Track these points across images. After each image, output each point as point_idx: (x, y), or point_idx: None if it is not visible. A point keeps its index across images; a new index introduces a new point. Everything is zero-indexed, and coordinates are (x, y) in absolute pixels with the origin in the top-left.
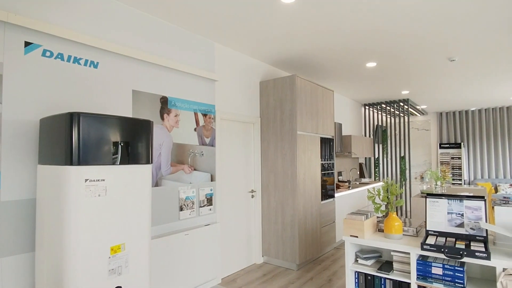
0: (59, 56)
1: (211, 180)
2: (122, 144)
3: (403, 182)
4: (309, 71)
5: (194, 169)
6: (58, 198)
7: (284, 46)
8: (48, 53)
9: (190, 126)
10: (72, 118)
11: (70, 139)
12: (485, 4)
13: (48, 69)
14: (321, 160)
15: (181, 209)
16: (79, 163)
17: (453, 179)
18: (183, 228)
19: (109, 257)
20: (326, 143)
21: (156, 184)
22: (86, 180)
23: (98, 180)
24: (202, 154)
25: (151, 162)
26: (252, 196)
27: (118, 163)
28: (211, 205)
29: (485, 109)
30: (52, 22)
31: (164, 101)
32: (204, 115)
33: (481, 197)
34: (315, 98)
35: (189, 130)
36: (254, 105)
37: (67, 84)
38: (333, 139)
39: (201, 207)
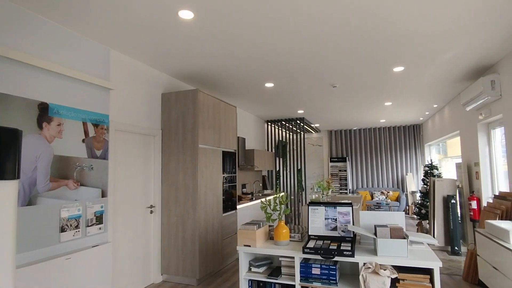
0: None
1: (102, 196)
2: None
3: (300, 193)
4: (213, 86)
5: (81, 185)
6: None
7: (186, 60)
8: None
9: (77, 137)
10: None
11: None
12: (355, 42)
13: None
14: (224, 173)
15: (63, 230)
16: None
17: (341, 189)
18: (65, 251)
19: None
20: (228, 156)
21: (29, 202)
22: None
23: None
24: (92, 168)
25: (18, 177)
26: (151, 212)
27: None
28: (101, 223)
29: (364, 129)
30: None
31: (43, 107)
32: (96, 125)
33: (349, 204)
34: (218, 113)
35: (76, 141)
36: (155, 117)
37: None
38: (235, 152)
39: (88, 226)
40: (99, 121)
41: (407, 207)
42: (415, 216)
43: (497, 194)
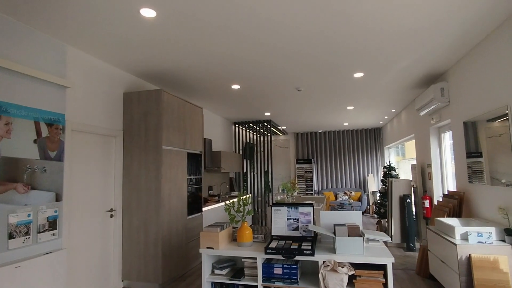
0: None
1: (56, 200)
2: None
3: (268, 194)
4: (178, 87)
5: (32, 188)
6: None
7: (149, 59)
8: None
9: (28, 137)
10: None
11: None
12: (317, 47)
13: None
14: (189, 175)
15: (11, 237)
16: None
17: (306, 190)
18: (14, 259)
19: None
20: (194, 158)
21: None
22: None
23: None
24: (45, 170)
25: None
26: (111, 216)
27: None
28: (55, 229)
29: (328, 132)
30: None
31: None
32: (50, 125)
33: (310, 204)
34: (183, 114)
35: (27, 142)
36: (117, 117)
37: None
38: (201, 154)
39: (40, 232)
40: (53, 120)
41: (368, 206)
42: (375, 215)
43: (446, 193)
